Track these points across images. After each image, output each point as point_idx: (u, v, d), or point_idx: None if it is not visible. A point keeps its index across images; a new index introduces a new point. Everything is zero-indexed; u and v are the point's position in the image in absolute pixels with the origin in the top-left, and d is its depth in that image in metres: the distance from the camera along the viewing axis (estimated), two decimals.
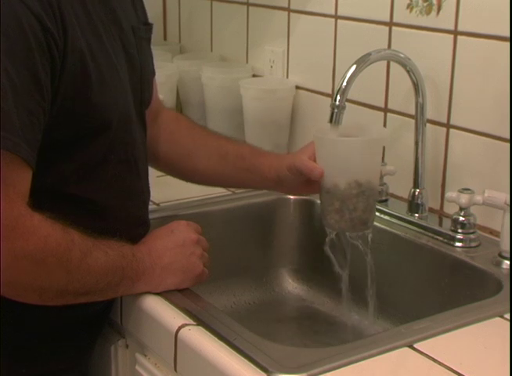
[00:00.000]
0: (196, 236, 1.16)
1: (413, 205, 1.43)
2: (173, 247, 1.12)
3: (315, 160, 1.22)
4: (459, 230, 1.33)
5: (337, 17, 1.62)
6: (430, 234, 1.37)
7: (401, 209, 1.44)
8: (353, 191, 1.19)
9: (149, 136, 1.24)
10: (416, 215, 1.42)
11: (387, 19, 1.50)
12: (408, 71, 1.36)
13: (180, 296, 1.12)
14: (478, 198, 1.28)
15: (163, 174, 1.38)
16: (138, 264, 1.07)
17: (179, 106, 2.04)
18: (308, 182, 1.24)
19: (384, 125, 1.55)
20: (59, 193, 1.05)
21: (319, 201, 1.27)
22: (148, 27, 1.22)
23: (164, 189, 1.38)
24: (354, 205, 1.19)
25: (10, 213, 0.92)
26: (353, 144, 1.19)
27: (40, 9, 0.93)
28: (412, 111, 1.40)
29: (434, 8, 1.41)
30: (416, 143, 1.40)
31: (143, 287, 1.10)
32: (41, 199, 0.98)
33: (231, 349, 0.99)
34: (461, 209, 1.32)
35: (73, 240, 0.98)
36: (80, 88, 0.99)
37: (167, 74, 1.90)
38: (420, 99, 1.38)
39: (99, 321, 1.18)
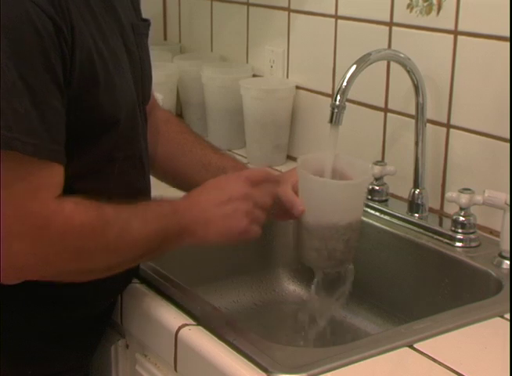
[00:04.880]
0: (244, 191, 1.09)
1: (413, 205, 1.43)
2: (216, 203, 1.09)
3: (297, 191, 1.17)
4: (459, 230, 1.33)
5: (337, 17, 1.62)
6: (430, 234, 1.37)
7: (401, 209, 1.44)
8: (334, 233, 1.14)
9: None
10: (416, 215, 1.42)
11: (387, 19, 1.50)
12: (408, 71, 1.36)
13: (180, 296, 1.12)
14: (478, 198, 1.28)
15: None
16: (179, 219, 1.05)
17: (179, 106, 2.05)
18: (286, 212, 1.18)
19: (384, 125, 1.55)
20: (65, 191, 1.05)
21: None
22: (146, 23, 1.22)
23: (164, 189, 1.37)
24: (334, 246, 1.15)
25: (42, 213, 0.93)
26: (338, 187, 1.15)
27: (51, 9, 0.93)
28: (412, 111, 1.40)
29: (434, 8, 1.41)
30: (416, 143, 1.40)
31: (188, 240, 1.07)
32: None
33: (231, 349, 0.99)
34: (461, 209, 1.32)
35: (108, 220, 0.99)
36: (88, 87, 0.99)
37: (167, 74, 1.90)
38: (420, 99, 1.38)
39: (102, 321, 1.18)
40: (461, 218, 1.33)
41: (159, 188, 1.32)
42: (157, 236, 1.03)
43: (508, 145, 1.31)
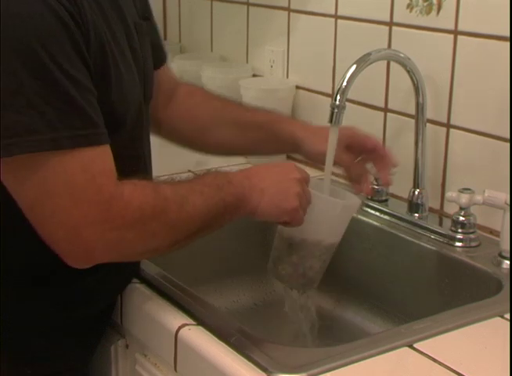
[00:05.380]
0: (300, 176, 1.12)
1: (413, 205, 1.43)
2: (275, 178, 1.11)
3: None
4: (459, 230, 1.33)
5: (337, 17, 1.62)
6: (430, 234, 1.37)
7: (401, 209, 1.44)
8: (316, 251, 1.15)
9: (164, 116, 1.30)
10: (416, 215, 1.42)
11: (387, 19, 1.50)
12: (408, 71, 1.36)
13: (180, 296, 1.12)
14: (478, 198, 1.28)
15: (162, 174, 1.38)
16: (236, 189, 1.07)
17: None
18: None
19: (384, 125, 1.55)
20: None
21: None
22: (148, 22, 1.22)
23: None
24: (311, 264, 1.16)
25: (102, 198, 0.95)
26: (334, 204, 1.15)
27: (68, 3, 0.93)
28: (412, 111, 1.40)
29: (434, 7, 1.41)
30: (416, 143, 1.40)
31: (243, 209, 1.08)
32: None
33: (231, 349, 0.99)
34: (461, 209, 1.32)
35: (167, 198, 1.00)
36: (100, 85, 0.99)
37: None
38: (420, 99, 1.38)
39: (102, 321, 1.19)
40: (461, 218, 1.33)
41: None
42: (217, 209, 1.04)
43: (508, 145, 1.31)
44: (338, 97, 1.23)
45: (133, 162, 1.11)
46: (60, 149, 0.91)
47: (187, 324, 1.05)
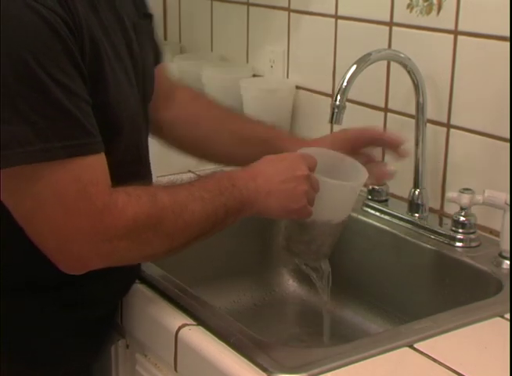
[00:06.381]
0: (307, 172, 1.10)
1: (413, 205, 1.42)
2: (281, 178, 1.09)
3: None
4: (460, 230, 1.33)
5: (337, 17, 1.62)
6: (430, 234, 1.37)
7: (401, 209, 1.44)
8: (326, 230, 1.16)
9: (164, 118, 1.29)
10: (416, 215, 1.42)
11: (387, 19, 1.50)
12: (408, 71, 1.36)
13: (180, 296, 1.12)
14: (478, 198, 1.28)
15: (162, 174, 1.39)
16: (240, 192, 1.05)
17: None
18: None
19: (384, 126, 1.55)
20: None
21: None
22: (147, 20, 1.21)
23: None
24: (322, 241, 1.17)
25: (94, 208, 0.94)
26: (340, 187, 1.15)
27: (61, 10, 0.92)
28: (412, 111, 1.40)
29: (435, 8, 1.41)
30: (416, 143, 1.40)
31: (248, 212, 1.08)
32: None
33: (231, 349, 0.99)
34: (462, 209, 1.32)
35: (163, 207, 0.99)
36: (96, 90, 0.98)
37: None
38: (420, 99, 1.38)
39: (105, 323, 1.18)
40: (462, 218, 1.33)
41: None
42: (217, 214, 1.03)
43: (508, 145, 1.31)
44: (338, 97, 1.23)
45: (136, 166, 1.11)
46: (52, 160, 0.91)
47: (187, 324, 1.05)
